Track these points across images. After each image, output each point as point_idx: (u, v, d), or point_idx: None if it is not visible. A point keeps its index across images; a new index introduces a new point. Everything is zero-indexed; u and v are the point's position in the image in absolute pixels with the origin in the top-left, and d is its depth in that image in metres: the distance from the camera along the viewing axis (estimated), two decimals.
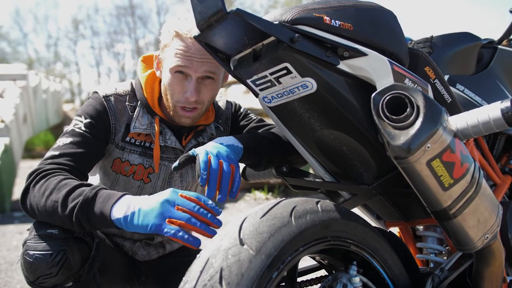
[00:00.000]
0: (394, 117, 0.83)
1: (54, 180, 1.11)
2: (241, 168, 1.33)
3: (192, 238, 0.96)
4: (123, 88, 1.37)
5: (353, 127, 0.97)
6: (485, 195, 0.92)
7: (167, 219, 0.97)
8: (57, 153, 1.20)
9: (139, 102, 1.36)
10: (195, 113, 1.30)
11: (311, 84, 0.92)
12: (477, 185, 0.89)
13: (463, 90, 1.35)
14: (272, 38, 0.91)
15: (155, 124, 1.34)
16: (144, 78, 1.37)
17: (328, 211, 0.90)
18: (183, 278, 0.77)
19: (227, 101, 1.52)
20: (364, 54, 0.92)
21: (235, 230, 0.80)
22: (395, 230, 1.40)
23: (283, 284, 1.02)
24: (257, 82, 0.99)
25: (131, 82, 1.41)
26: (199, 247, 0.98)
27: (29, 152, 11.71)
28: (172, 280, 1.47)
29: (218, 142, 1.15)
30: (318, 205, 0.90)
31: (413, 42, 1.45)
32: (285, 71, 0.92)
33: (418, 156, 0.81)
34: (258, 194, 5.32)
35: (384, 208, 1.24)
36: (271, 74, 0.95)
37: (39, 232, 1.11)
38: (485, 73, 1.45)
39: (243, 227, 0.80)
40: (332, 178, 1.16)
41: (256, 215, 0.83)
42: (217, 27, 0.90)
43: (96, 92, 1.34)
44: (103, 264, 1.27)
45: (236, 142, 1.18)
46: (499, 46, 1.53)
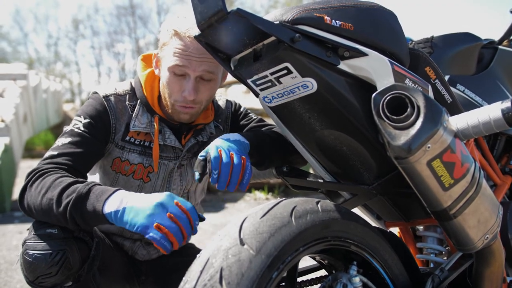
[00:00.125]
0: (395, 117, 0.83)
1: (50, 179, 1.11)
2: None
3: (170, 248, 0.97)
4: (123, 88, 1.37)
5: (354, 127, 0.97)
6: (486, 195, 0.92)
7: (155, 224, 0.97)
8: (56, 153, 1.20)
9: (139, 101, 1.36)
10: (193, 110, 1.30)
11: (312, 84, 0.92)
12: (478, 185, 0.89)
13: (464, 91, 1.35)
14: (273, 38, 0.91)
15: (155, 123, 1.34)
16: (144, 77, 1.37)
17: (328, 211, 0.90)
18: (183, 278, 0.77)
19: (227, 100, 1.51)
20: (365, 54, 0.92)
21: (235, 230, 0.80)
22: (395, 230, 1.40)
23: (283, 284, 1.02)
24: (258, 82, 0.99)
25: (130, 81, 1.41)
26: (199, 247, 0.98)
27: (29, 152, 11.70)
28: (172, 280, 1.47)
29: (225, 138, 1.15)
30: (318, 205, 0.90)
31: (414, 42, 1.45)
32: (286, 71, 0.92)
33: (419, 156, 0.81)
34: (258, 194, 5.32)
35: (384, 208, 1.24)
36: (272, 74, 0.95)
37: (39, 232, 1.11)
38: (486, 74, 1.45)
39: (243, 227, 0.80)
40: (332, 178, 1.16)
41: (256, 215, 0.83)
42: (218, 27, 0.90)
43: (96, 92, 1.34)
44: (103, 264, 1.27)
45: (242, 138, 1.18)
46: (500, 47, 1.53)
